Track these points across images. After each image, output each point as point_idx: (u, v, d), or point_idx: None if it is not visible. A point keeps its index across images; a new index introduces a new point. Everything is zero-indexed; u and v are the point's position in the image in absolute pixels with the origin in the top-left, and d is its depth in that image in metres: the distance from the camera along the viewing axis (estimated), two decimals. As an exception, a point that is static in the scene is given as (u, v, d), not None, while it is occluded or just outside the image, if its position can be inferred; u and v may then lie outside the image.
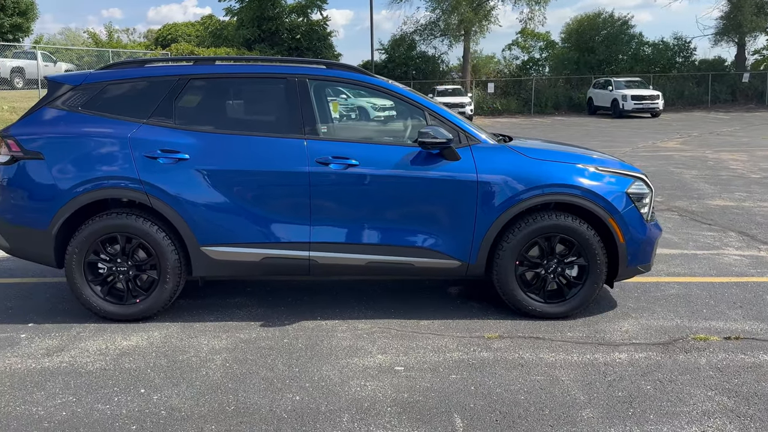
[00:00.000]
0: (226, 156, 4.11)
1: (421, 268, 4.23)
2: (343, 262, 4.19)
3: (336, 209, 4.14)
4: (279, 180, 4.10)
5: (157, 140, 4.10)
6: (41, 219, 4.10)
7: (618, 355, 3.74)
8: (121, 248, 4.14)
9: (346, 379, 3.40)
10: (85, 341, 3.92)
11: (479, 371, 3.51)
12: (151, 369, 3.54)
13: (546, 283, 4.28)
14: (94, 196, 4.07)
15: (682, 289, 4.95)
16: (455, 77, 37.12)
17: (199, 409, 3.09)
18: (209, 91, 4.28)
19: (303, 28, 35.23)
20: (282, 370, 3.51)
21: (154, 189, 4.05)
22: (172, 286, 4.17)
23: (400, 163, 4.13)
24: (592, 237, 4.17)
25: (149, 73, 4.30)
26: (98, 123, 4.15)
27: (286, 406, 3.12)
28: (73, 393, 3.25)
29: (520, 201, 4.11)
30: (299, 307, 4.52)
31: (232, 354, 3.73)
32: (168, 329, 4.12)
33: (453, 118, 4.28)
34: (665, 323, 4.24)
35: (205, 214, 4.09)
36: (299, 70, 4.29)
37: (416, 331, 4.09)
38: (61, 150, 4.10)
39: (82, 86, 4.25)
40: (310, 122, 4.17)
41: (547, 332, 4.08)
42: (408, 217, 4.16)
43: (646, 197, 4.33)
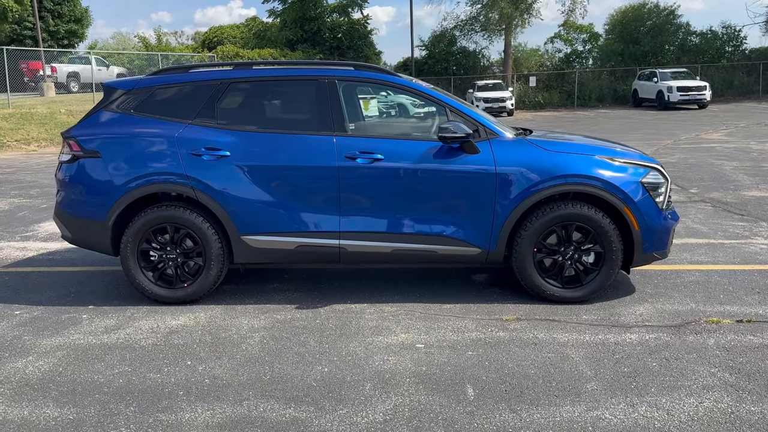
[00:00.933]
0: (263, 153, 4.48)
1: (443, 255, 4.51)
2: (371, 250, 4.51)
3: (363, 200, 4.46)
4: (311, 174, 4.45)
5: (201, 139, 4.50)
6: (99, 211, 4.55)
7: (629, 335, 3.95)
8: (170, 237, 4.56)
9: (370, 354, 3.72)
10: (139, 321, 4.35)
11: (494, 349, 3.78)
12: (196, 344, 3.93)
13: (563, 269, 4.50)
14: (146, 190, 4.50)
15: (702, 276, 5.09)
16: (496, 72, 37.02)
17: (239, 378, 3.46)
18: (247, 94, 4.66)
19: (344, 27, 35.75)
20: (313, 346, 3.86)
21: (199, 183, 4.45)
22: (216, 272, 4.57)
23: (423, 156, 4.42)
24: (607, 225, 4.37)
25: (193, 77, 4.70)
26: (148, 124, 4.58)
27: (315, 376, 3.46)
28: (128, 364, 3.67)
29: (537, 191, 4.35)
30: (331, 292, 4.87)
31: (269, 332, 4.10)
32: (212, 311, 4.52)
33: (473, 114, 4.54)
34: (680, 307, 4.42)
35: (245, 205, 4.47)
36: (329, 72, 4.62)
37: (439, 314, 4.38)
38: (116, 149, 4.54)
39: (134, 91, 4.69)
40: (339, 120, 4.50)
41: (563, 315, 4.31)
42: (430, 207, 4.45)
43: (661, 186, 4.51)
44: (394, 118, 5.05)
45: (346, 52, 36.10)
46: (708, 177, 10.16)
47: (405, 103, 26.52)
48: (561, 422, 2.96)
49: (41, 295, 4.95)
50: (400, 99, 26.79)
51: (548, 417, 3.01)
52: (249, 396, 3.26)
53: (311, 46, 35.17)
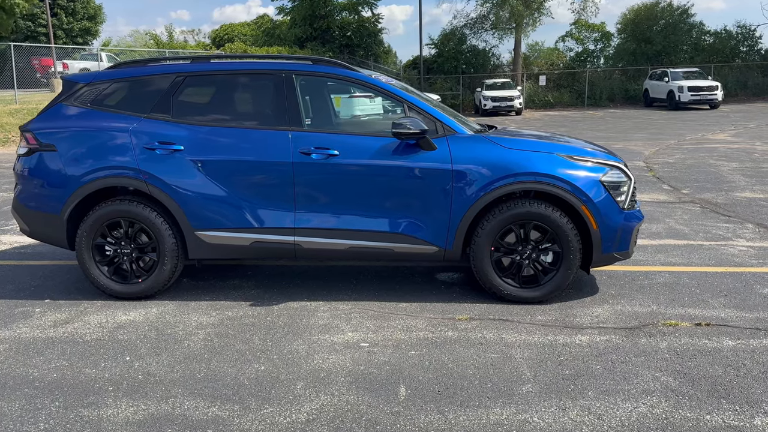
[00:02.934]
0: (217, 147, 4.43)
1: (400, 253, 4.44)
2: (326, 247, 4.45)
3: (318, 197, 4.41)
4: (265, 169, 4.40)
5: (155, 133, 4.47)
6: (54, 205, 4.54)
7: (580, 337, 3.85)
8: (124, 232, 4.54)
9: (311, 353, 3.66)
10: (90, 315, 4.33)
11: (438, 348, 3.70)
12: (140, 340, 3.90)
13: (521, 269, 4.41)
14: (99, 184, 4.48)
15: (672, 278, 4.97)
16: (506, 71, 36.77)
17: (172, 375, 3.42)
18: (203, 87, 4.62)
19: (354, 26, 35.70)
20: (256, 344, 3.81)
21: (151, 178, 4.42)
22: (170, 267, 4.53)
23: (379, 153, 4.35)
24: (565, 224, 4.28)
25: (150, 71, 4.67)
26: (104, 118, 4.55)
27: (250, 374, 3.41)
28: (67, 359, 3.64)
29: (493, 189, 4.26)
30: (290, 290, 4.82)
31: (216, 329, 4.06)
32: (165, 306, 4.49)
33: (431, 110, 4.46)
34: (640, 309, 4.31)
35: (198, 201, 4.43)
36: (286, 66, 4.57)
37: (392, 312, 4.31)
38: (70, 142, 4.52)
39: (91, 84, 4.67)
40: (296, 115, 4.45)
41: (518, 315, 4.23)
42: (386, 204, 4.38)
43: (623, 186, 4.40)
44: (360, 113, 4.93)
45: (355, 50, 36.08)
46: (703, 178, 9.98)
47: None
48: (486, 425, 2.88)
49: (1, 288, 4.95)
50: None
51: (474, 419, 2.93)
52: (177, 393, 3.21)
53: (320, 44, 35.18)
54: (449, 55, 35.70)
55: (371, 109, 21.44)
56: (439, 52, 36.50)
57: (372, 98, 21.77)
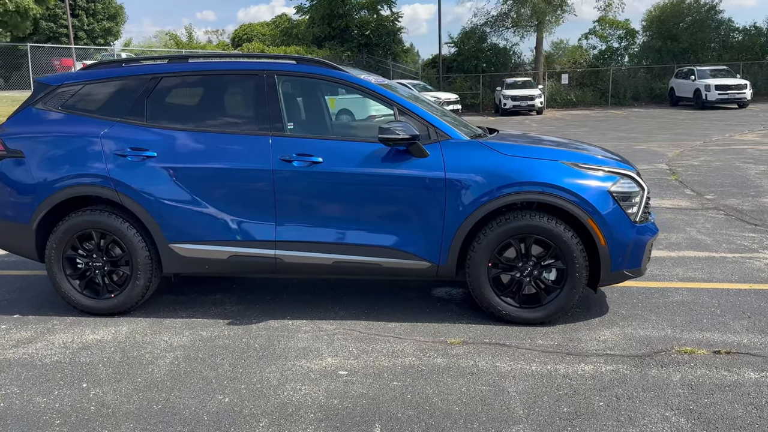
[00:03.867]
0: (191, 153, 4.13)
1: (388, 268, 4.09)
2: (310, 261, 4.12)
3: (300, 208, 4.07)
4: (243, 177, 4.08)
5: (127, 138, 4.17)
6: (23, 214, 4.27)
7: (583, 366, 3.46)
8: (96, 244, 4.25)
9: (283, 382, 3.33)
10: (56, 334, 4.05)
11: (424, 378, 3.34)
12: (102, 364, 3.60)
13: (521, 287, 4.03)
14: (68, 193, 4.19)
15: (690, 296, 4.54)
16: (528, 69, 36.13)
17: (127, 407, 3.11)
18: (180, 89, 4.32)
19: (372, 25, 35.34)
20: (225, 370, 3.48)
21: (123, 186, 4.12)
22: (143, 282, 4.23)
23: (366, 160, 4.00)
24: (569, 239, 3.89)
25: (124, 72, 4.38)
26: (74, 122, 4.27)
27: (211, 407, 3.09)
28: (20, 384, 3.35)
29: (489, 200, 3.89)
30: (273, 306, 4.49)
31: (185, 352, 3.74)
32: (137, 324, 4.19)
33: (423, 114, 4.10)
34: (652, 333, 3.90)
35: (173, 211, 4.13)
36: (268, 66, 4.24)
37: (379, 334, 3.96)
38: (39, 149, 4.25)
39: (63, 86, 4.39)
40: (277, 119, 4.12)
41: (516, 339, 3.85)
42: (373, 216, 4.03)
43: (634, 196, 3.99)
44: (376, 114, 4.62)
45: (374, 50, 35.72)
46: (729, 182, 9.44)
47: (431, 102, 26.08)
48: (466, 477, 2.52)
49: (-28, 301, 4.71)
50: (426, 97, 26.42)
51: (453, 469, 2.57)
52: (127, 429, 2.90)
53: (339, 44, 34.90)
54: (469, 54, 35.15)
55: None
56: (459, 50, 35.97)
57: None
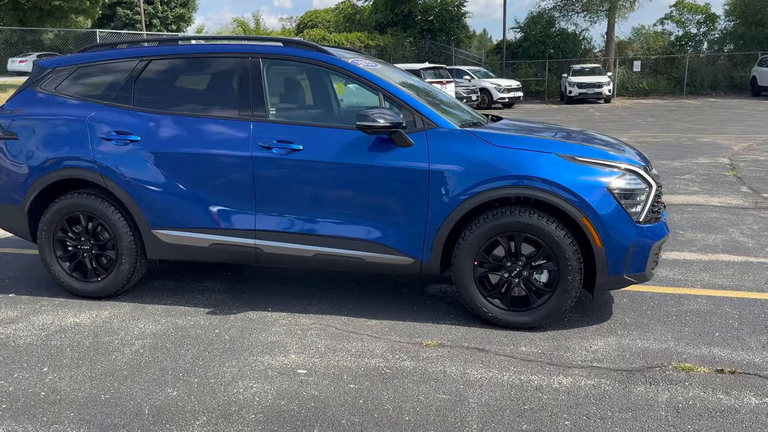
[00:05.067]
0: (173, 138, 4.04)
1: (370, 263, 3.89)
2: (289, 253, 3.97)
3: (280, 197, 3.92)
4: (223, 163, 3.96)
5: (113, 121, 4.13)
6: (17, 196, 4.32)
7: (560, 379, 3.16)
8: (84, 227, 4.25)
9: (238, 378, 3.20)
10: (40, 315, 4.08)
11: (384, 383, 3.14)
12: (71, 348, 3.58)
13: (510, 288, 3.75)
14: (57, 175, 4.20)
15: (709, 306, 4.12)
16: (598, 55, 34.70)
17: (75, 395, 3.06)
18: (167, 72, 4.23)
19: (436, 10, 34.76)
20: (186, 362, 3.39)
21: (107, 170, 4.09)
22: (128, 267, 4.21)
23: (348, 148, 3.80)
24: (562, 238, 3.57)
25: (115, 55, 4.34)
26: (65, 105, 4.27)
27: (156, 401, 3.00)
28: (-15, 365, 3.38)
29: (475, 194, 3.62)
30: (260, 296, 4.38)
31: (154, 340, 3.68)
32: (120, 309, 4.17)
33: (409, 100, 3.85)
34: (652, 345, 3.54)
35: (155, 196, 4.07)
36: (253, 49, 4.10)
37: (355, 331, 3.78)
38: (31, 131, 4.28)
39: (57, 69, 4.40)
40: (259, 103, 3.97)
41: (499, 344, 3.57)
42: (354, 207, 3.84)
43: (639, 194, 3.62)
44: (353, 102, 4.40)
45: (437, 35, 35.17)
46: (793, 179, 8.66)
47: (489, 88, 25.39)
48: (389, 497, 2.31)
49: (-23, 279, 4.84)
50: (484, 84, 25.74)
51: (378, 487, 2.37)
52: (65, 419, 2.85)
53: (401, 29, 34.55)
54: (536, 39, 34.08)
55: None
56: (525, 36, 34.94)
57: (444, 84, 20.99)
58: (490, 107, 25.84)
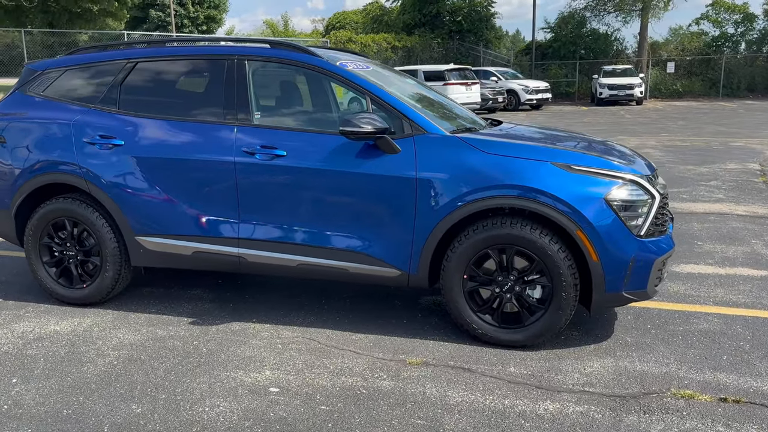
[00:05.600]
0: (156, 142, 3.93)
1: (356, 274, 3.72)
2: (273, 262, 3.82)
3: (262, 204, 3.78)
4: (206, 169, 3.83)
5: (97, 125, 4.04)
6: (4, 200, 4.26)
7: (546, 404, 2.95)
8: (69, 233, 4.17)
9: (206, 396, 3.06)
10: (22, 322, 4.01)
11: (358, 404, 2.96)
12: (45, 358, 3.49)
13: (501, 304, 3.54)
14: (42, 180, 4.13)
15: (720, 325, 3.85)
16: (630, 56, 33.95)
17: (38, 409, 2.96)
18: (152, 75, 4.12)
19: (465, 10, 34.42)
20: (157, 377, 3.27)
21: (91, 175, 4.01)
22: (112, 274, 4.11)
23: (333, 155, 3.64)
24: (555, 252, 3.34)
25: (102, 57, 4.25)
26: (51, 108, 4.20)
27: (118, 418, 2.87)
28: (-45, 375, 3.31)
29: (463, 204, 3.42)
30: (247, 306, 4.24)
31: (130, 351, 3.57)
32: (102, 317, 4.08)
33: (397, 104, 3.66)
34: (652, 369, 3.29)
35: (138, 202, 3.96)
36: (238, 51, 3.96)
37: (338, 346, 3.61)
38: (18, 134, 4.21)
39: (47, 71, 4.33)
40: (244, 107, 3.84)
41: (487, 363, 3.37)
42: (338, 216, 3.67)
43: (641, 206, 3.38)
44: (358, 106, 4.19)
45: (466, 36, 34.83)
46: (827, 186, 8.22)
47: (517, 89, 24.99)
48: None
49: (-30, 282, 4.81)
50: (511, 85, 25.36)
51: None
52: (22, 435, 2.74)
53: (429, 30, 34.30)
54: (566, 40, 33.51)
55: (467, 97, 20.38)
56: (555, 36, 34.37)
57: (469, 86, 20.71)
58: (517, 109, 25.49)
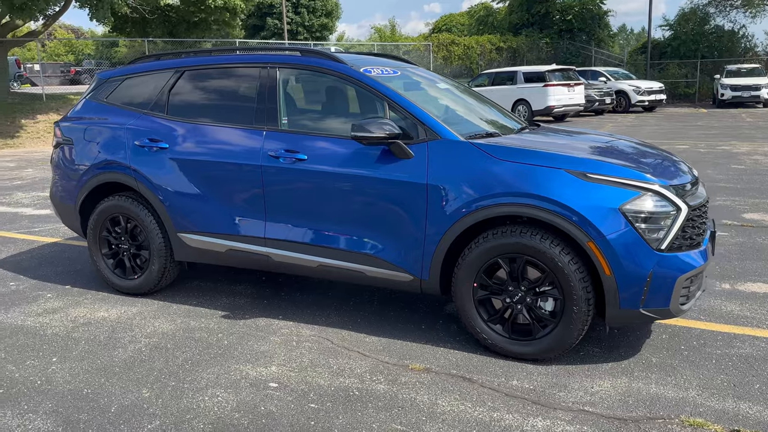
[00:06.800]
0: (194, 145, 4.19)
1: (372, 277, 3.77)
2: (296, 262, 3.96)
3: (286, 206, 3.92)
4: (237, 172, 4.03)
5: (147, 130, 4.37)
6: (72, 197, 4.71)
7: (538, 422, 2.84)
8: (123, 228, 4.54)
9: (210, 386, 3.24)
10: (77, 308, 4.41)
11: (346, 405, 3.01)
12: (85, 341, 3.84)
13: (512, 315, 3.45)
14: (100, 179, 4.53)
15: (767, 352, 3.51)
16: (761, 55, 31.23)
17: (64, 387, 3.25)
18: (196, 83, 4.38)
19: (576, 9, 33.21)
20: (175, 364, 3.49)
21: (140, 175, 4.34)
22: (158, 267, 4.43)
23: (349, 159, 3.71)
24: (566, 264, 3.21)
25: (155, 66, 4.58)
26: (111, 113, 4.59)
27: (126, 400, 3.11)
28: (9, 351, 3.71)
29: (473, 211, 3.37)
30: (277, 303, 4.41)
31: (159, 340, 3.83)
32: (148, 306, 4.40)
33: (414, 109, 3.65)
34: (668, 393, 3.08)
35: (179, 201, 4.24)
36: (271, 59, 4.13)
37: (348, 347, 3.67)
38: (83, 137, 4.64)
39: (110, 80, 4.74)
40: (273, 113, 4.00)
41: (490, 375, 3.30)
42: (354, 219, 3.74)
43: (663, 218, 3.16)
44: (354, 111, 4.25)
45: (576, 35, 33.61)
46: None
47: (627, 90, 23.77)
48: None
49: (50, 268, 5.34)
50: (621, 85, 24.15)
51: None
52: (42, 409, 3.03)
53: (537, 30, 33.43)
54: (687, 38, 31.40)
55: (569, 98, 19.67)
56: (674, 34, 32.32)
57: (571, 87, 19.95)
58: (627, 111, 24.28)
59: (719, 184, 8.76)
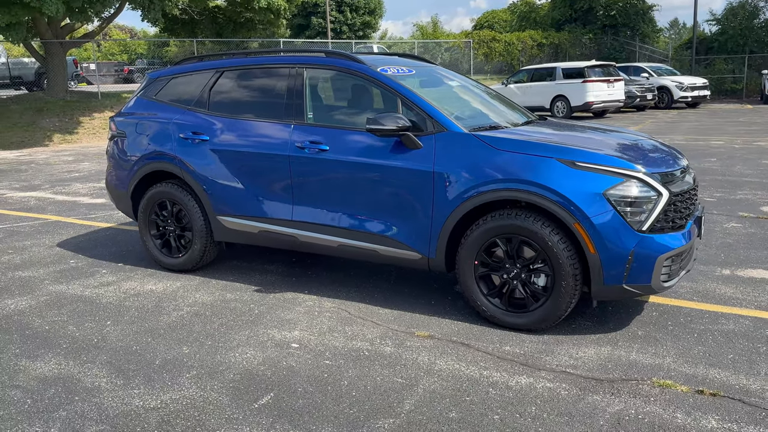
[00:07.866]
0: (232, 138, 4.69)
1: (385, 256, 4.20)
2: (319, 242, 4.42)
3: (310, 191, 4.39)
4: (268, 161, 4.52)
5: (191, 124, 4.90)
6: (124, 183, 5.29)
7: (522, 379, 3.23)
8: (169, 211, 5.10)
9: (241, 345, 3.73)
10: (129, 282, 4.98)
11: (356, 363, 3.46)
12: (135, 309, 4.39)
13: (509, 290, 3.83)
14: (149, 168, 5.09)
15: (748, 328, 3.80)
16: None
17: (116, 344, 3.79)
18: (233, 81, 4.89)
19: (620, 4, 32.84)
20: (212, 328, 4.00)
21: (184, 165, 4.87)
22: (200, 246, 4.96)
23: (365, 149, 4.15)
24: (555, 243, 3.58)
25: (198, 67, 5.11)
26: (159, 109, 5.15)
27: (169, 355, 3.62)
28: (70, 315, 4.29)
29: (473, 196, 3.77)
30: (304, 280, 4.89)
31: (200, 308, 4.35)
32: (190, 281, 4.94)
33: (424, 105, 4.06)
34: (645, 360, 3.42)
35: (218, 187, 4.76)
36: (299, 60, 4.60)
37: (363, 317, 4.12)
38: (134, 130, 5.22)
39: (159, 79, 5.30)
40: (299, 108, 4.47)
41: (487, 341, 3.69)
42: (370, 203, 4.17)
43: (644, 202, 3.50)
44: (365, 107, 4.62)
45: (620, 30, 33.24)
46: None
47: (669, 86, 23.50)
48: (291, 452, 2.66)
49: (104, 249, 5.95)
50: (663, 81, 23.89)
51: (289, 444, 2.72)
52: (99, 361, 3.57)
53: (581, 25, 33.21)
54: (735, 33, 30.71)
55: (608, 94, 19.63)
56: (722, 29, 31.64)
57: (611, 83, 19.88)
58: (670, 107, 24.00)
59: (745, 178, 8.86)
